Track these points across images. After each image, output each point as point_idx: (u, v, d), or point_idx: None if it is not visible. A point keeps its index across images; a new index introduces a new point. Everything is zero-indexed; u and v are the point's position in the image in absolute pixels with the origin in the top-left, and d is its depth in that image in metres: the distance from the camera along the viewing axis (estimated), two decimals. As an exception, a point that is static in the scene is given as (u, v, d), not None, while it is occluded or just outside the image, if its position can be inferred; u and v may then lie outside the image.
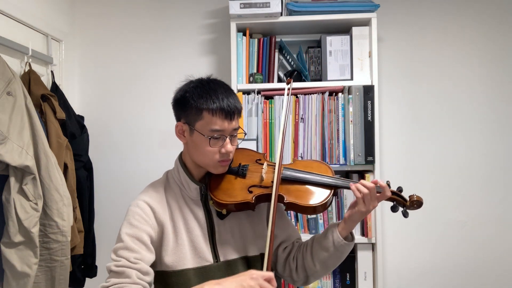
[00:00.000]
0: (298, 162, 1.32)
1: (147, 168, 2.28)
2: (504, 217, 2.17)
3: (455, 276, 2.18)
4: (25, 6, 1.85)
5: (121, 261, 1.10)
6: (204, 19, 2.28)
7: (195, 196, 1.22)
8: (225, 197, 1.19)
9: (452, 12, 2.20)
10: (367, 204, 1.16)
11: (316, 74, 2.03)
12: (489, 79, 2.18)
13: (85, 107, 2.28)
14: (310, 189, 1.23)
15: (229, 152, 1.17)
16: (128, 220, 1.18)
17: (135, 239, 1.14)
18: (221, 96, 1.14)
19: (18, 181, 1.49)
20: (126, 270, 1.08)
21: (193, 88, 1.17)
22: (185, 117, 1.18)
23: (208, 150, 1.15)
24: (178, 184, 1.24)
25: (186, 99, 1.17)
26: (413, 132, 2.20)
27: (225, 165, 1.21)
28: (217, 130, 1.14)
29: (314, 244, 1.23)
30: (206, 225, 1.21)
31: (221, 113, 1.13)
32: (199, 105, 1.14)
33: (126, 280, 1.06)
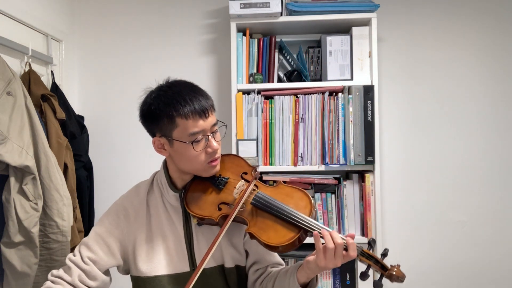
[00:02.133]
0: (281, 187, 1.16)
1: (147, 168, 2.27)
2: (504, 217, 2.17)
3: (455, 276, 2.18)
4: (25, 6, 1.85)
5: (75, 257, 1.13)
6: (204, 19, 2.28)
7: (174, 202, 1.18)
8: (195, 208, 1.12)
9: (452, 12, 2.20)
10: (327, 259, 0.99)
11: (316, 74, 2.03)
12: (489, 79, 2.18)
13: (85, 107, 2.28)
14: (277, 225, 1.06)
15: (216, 150, 1.11)
16: (103, 218, 1.21)
17: (100, 239, 1.15)
18: (187, 97, 1.08)
19: (18, 181, 1.49)
20: (72, 267, 1.11)
21: (155, 98, 1.11)
22: (159, 130, 1.13)
23: (193, 156, 1.09)
24: (160, 188, 1.22)
25: (153, 111, 1.11)
26: (413, 132, 2.20)
27: (216, 164, 1.14)
28: (197, 132, 1.07)
29: (277, 279, 1.13)
30: (183, 232, 1.17)
31: (194, 114, 1.07)
32: (169, 113, 1.07)
33: (67, 278, 1.09)
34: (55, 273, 1.12)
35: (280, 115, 1.98)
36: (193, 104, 1.07)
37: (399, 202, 2.19)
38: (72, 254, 1.14)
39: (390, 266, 1.02)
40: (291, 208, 1.08)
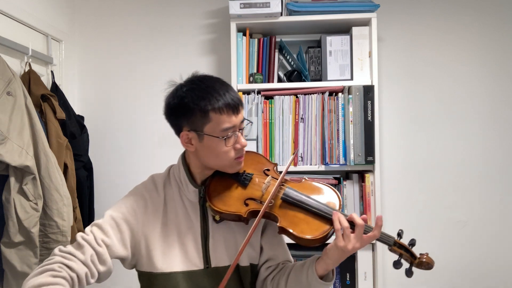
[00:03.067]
0: (306, 183, 1.19)
1: (147, 168, 2.26)
2: (504, 216, 2.17)
3: (455, 275, 2.18)
4: (25, 6, 1.85)
5: (89, 236, 1.07)
6: (204, 19, 2.28)
7: (193, 198, 1.17)
8: (219, 204, 1.11)
9: (452, 12, 2.20)
10: (346, 240, 1.02)
11: (316, 74, 2.03)
12: (489, 79, 2.18)
13: (85, 107, 2.28)
14: (309, 219, 1.09)
15: (244, 146, 1.12)
16: (120, 203, 1.15)
17: (115, 225, 1.10)
18: (222, 92, 1.07)
19: (18, 181, 1.49)
20: (85, 246, 1.05)
21: (189, 92, 1.08)
22: (190, 124, 1.10)
23: (223, 151, 1.09)
24: (177, 183, 1.19)
25: (186, 104, 1.08)
26: (413, 132, 2.20)
27: (242, 161, 1.14)
28: (229, 128, 1.07)
29: (292, 273, 1.14)
30: (200, 229, 1.15)
31: (228, 109, 1.06)
32: (203, 108, 1.05)
33: (80, 256, 1.03)
34: (64, 249, 1.04)
35: (280, 115, 1.98)
36: (226, 98, 1.06)
37: (399, 202, 2.19)
38: (83, 233, 1.08)
39: (419, 255, 1.08)
40: (321, 202, 1.11)
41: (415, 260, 1.08)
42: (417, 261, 1.08)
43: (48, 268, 0.97)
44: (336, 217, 1.05)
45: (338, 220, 1.04)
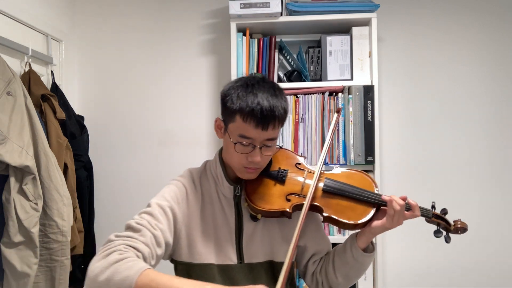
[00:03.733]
0: (339, 171, 1.23)
1: (147, 168, 2.28)
2: (504, 217, 2.17)
3: (455, 276, 2.18)
4: (25, 6, 1.85)
5: (143, 221, 1.04)
6: (204, 19, 2.28)
7: (228, 194, 1.18)
8: (261, 203, 1.13)
9: (452, 12, 2.20)
10: (394, 221, 1.11)
11: (316, 74, 2.03)
12: (489, 79, 2.18)
13: (85, 107, 2.28)
14: (352, 205, 1.14)
15: (256, 162, 1.10)
16: (162, 193, 1.13)
17: (162, 211, 1.08)
18: (259, 101, 1.05)
19: (18, 181, 1.49)
20: (143, 229, 1.01)
21: (236, 87, 1.10)
22: (223, 114, 1.13)
23: (234, 153, 1.10)
24: (214, 178, 1.20)
25: (227, 96, 1.10)
26: (413, 132, 2.20)
27: (252, 172, 1.14)
28: (246, 137, 1.07)
29: (335, 257, 1.20)
30: (234, 225, 1.17)
31: (253, 120, 1.04)
32: (233, 107, 1.06)
33: (141, 238, 1.00)
34: (122, 234, 1.00)
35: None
36: (259, 111, 1.04)
37: (399, 202, 2.19)
38: (135, 219, 1.04)
39: (453, 222, 1.20)
40: (360, 188, 1.16)
41: (450, 227, 1.18)
42: (452, 227, 1.18)
43: (113, 250, 0.94)
44: (392, 200, 1.11)
45: (395, 203, 1.10)
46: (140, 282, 0.87)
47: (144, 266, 0.90)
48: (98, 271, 0.91)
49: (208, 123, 2.26)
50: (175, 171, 2.24)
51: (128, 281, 0.87)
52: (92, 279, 0.92)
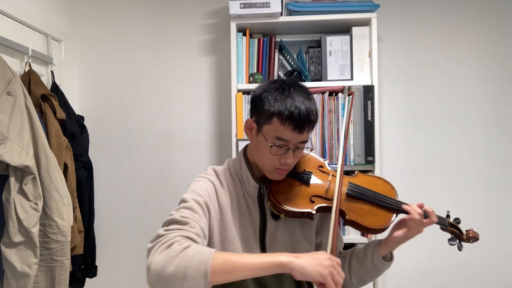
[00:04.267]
0: (360, 176, 1.27)
1: (147, 168, 2.28)
2: (504, 217, 2.17)
3: (455, 276, 2.18)
4: (25, 6, 1.85)
5: (187, 215, 1.04)
6: (204, 19, 2.28)
7: (252, 193, 1.19)
8: (286, 203, 1.14)
9: (453, 12, 2.20)
10: (415, 230, 1.16)
11: (316, 74, 2.03)
12: (489, 79, 2.18)
13: (85, 107, 2.28)
14: (374, 210, 1.19)
15: (288, 164, 1.13)
16: (193, 189, 1.13)
17: (198, 205, 1.09)
18: (297, 105, 1.08)
19: (18, 181, 1.49)
20: (191, 222, 1.01)
21: (272, 89, 1.12)
22: (257, 116, 1.15)
23: (267, 155, 1.12)
24: (238, 176, 1.21)
25: (262, 98, 1.12)
26: (413, 132, 2.20)
27: (282, 174, 1.17)
28: (282, 140, 1.09)
29: (353, 259, 1.24)
30: (259, 224, 1.18)
31: (291, 123, 1.07)
32: (271, 109, 1.09)
33: (192, 230, 1.00)
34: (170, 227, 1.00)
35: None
36: (297, 115, 1.07)
37: (399, 202, 2.19)
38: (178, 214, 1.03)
39: (465, 231, 1.24)
40: (382, 194, 1.21)
41: (463, 236, 1.23)
42: (465, 236, 1.22)
43: (172, 241, 0.94)
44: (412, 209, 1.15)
45: (414, 211, 1.15)
46: (215, 264, 0.89)
47: (211, 249, 0.92)
48: (164, 263, 0.90)
49: (208, 123, 2.26)
50: (175, 171, 2.26)
51: (203, 265, 0.88)
52: (159, 272, 0.90)
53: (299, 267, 0.91)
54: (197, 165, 2.25)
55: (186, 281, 0.88)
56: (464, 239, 1.22)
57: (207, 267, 0.88)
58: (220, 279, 0.90)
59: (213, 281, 0.89)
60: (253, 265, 0.91)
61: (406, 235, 1.16)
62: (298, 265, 0.91)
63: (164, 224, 1.04)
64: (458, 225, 1.23)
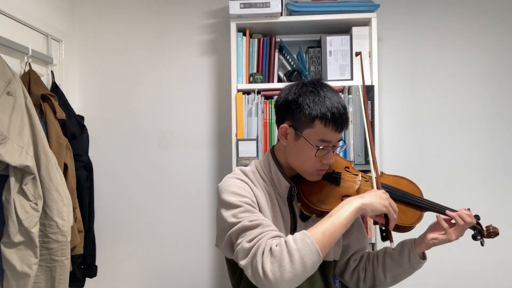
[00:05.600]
0: (386, 176, 1.29)
1: (146, 168, 2.28)
2: (504, 217, 2.17)
3: (455, 276, 2.18)
4: (25, 6, 1.85)
5: (251, 217, 1.03)
6: (204, 19, 2.28)
7: (283, 193, 1.20)
8: (319, 203, 1.16)
9: (452, 11, 2.20)
10: (459, 233, 1.19)
11: (316, 74, 2.03)
12: (489, 79, 2.18)
13: (85, 107, 2.28)
14: (404, 208, 1.21)
15: (331, 164, 1.16)
16: (232, 191, 1.10)
17: (248, 206, 1.07)
18: (335, 105, 1.10)
19: (18, 181, 1.49)
20: (262, 221, 1.03)
21: (307, 93, 1.13)
22: (293, 121, 1.14)
23: (310, 158, 1.12)
24: (268, 178, 1.21)
25: (299, 103, 1.12)
26: (413, 132, 2.20)
27: (322, 174, 1.19)
28: (326, 141, 1.11)
29: (387, 258, 1.26)
30: (290, 225, 1.19)
31: (334, 124, 1.10)
32: (313, 113, 1.10)
33: (268, 228, 1.01)
34: (252, 236, 0.99)
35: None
36: (338, 115, 1.10)
37: (399, 202, 2.19)
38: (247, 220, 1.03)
39: (486, 227, 1.26)
40: (409, 193, 1.25)
41: (484, 232, 1.25)
42: (485, 232, 1.25)
43: (268, 247, 0.96)
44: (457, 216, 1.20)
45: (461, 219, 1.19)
46: (319, 241, 0.96)
47: (302, 232, 0.98)
48: (278, 268, 0.93)
49: (208, 123, 2.26)
50: (175, 171, 2.26)
51: (314, 250, 0.95)
52: (279, 278, 0.93)
53: (369, 205, 1.05)
54: (197, 165, 2.25)
55: (307, 269, 0.95)
56: (485, 234, 1.25)
57: (316, 248, 0.95)
58: (327, 249, 0.99)
59: (324, 254, 0.97)
60: (343, 222, 1.01)
61: (448, 239, 1.19)
62: (368, 204, 1.05)
63: (234, 234, 1.04)
64: (478, 221, 1.26)
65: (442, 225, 1.20)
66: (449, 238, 1.18)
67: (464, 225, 1.18)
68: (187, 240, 2.25)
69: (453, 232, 1.19)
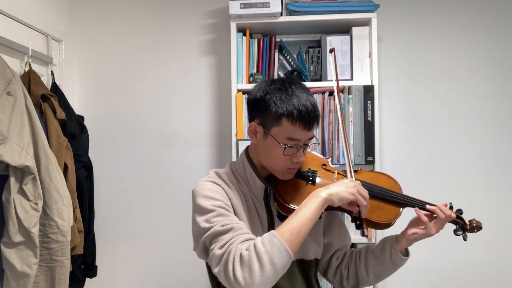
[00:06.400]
0: (364, 173, 1.27)
1: (147, 168, 2.28)
2: (504, 217, 2.17)
3: (455, 276, 2.18)
4: (25, 6, 1.85)
5: (223, 221, 1.03)
6: (204, 19, 2.28)
7: (259, 194, 1.19)
8: (294, 202, 1.14)
9: (452, 12, 2.20)
10: (439, 227, 1.17)
11: (316, 74, 2.03)
12: (489, 79, 2.18)
13: (85, 107, 2.28)
14: (381, 205, 1.19)
15: (300, 162, 1.14)
16: (204, 195, 1.10)
17: (222, 209, 1.07)
18: (303, 102, 1.08)
19: (18, 181, 1.49)
20: (234, 225, 1.02)
21: (275, 90, 1.11)
22: (261, 119, 1.12)
23: (279, 157, 1.11)
24: (243, 179, 1.20)
25: (266, 101, 1.10)
26: (413, 132, 2.20)
27: (293, 173, 1.17)
28: (293, 139, 1.09)
29: (369, 255, 1.24)
30: (267, 225, 1.18)
31: (301, 122, 1.07)
32: (279, 111, 1.07)
33: (239, 231, 1.01)
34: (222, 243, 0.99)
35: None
36: (306, 113, 1.07)
37: (399, 202, 2.19)
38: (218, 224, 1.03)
39: (468, 221, 1.23)
40: (387, 189, 1.22)
41: (467, 226, 1.22)
42: (468, 226, 1.22)
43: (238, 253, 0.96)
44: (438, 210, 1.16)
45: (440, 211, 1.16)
46: (287, 240, 0.96)
47: (270, 232, 0.99)
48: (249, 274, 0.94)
49: (208, 123, 2.26)
50: (175, 171, 2.26)
51: (283, 249, 0.95)
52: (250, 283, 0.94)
53: (335, 195, 1.04)
54: (197, 165, 2.25)
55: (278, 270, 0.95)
56: (468, 229, 1.22)
57: (285, 247, 0.95)
58: (297, 246, 0.98)
59: (293, 252, 0.97)
60: (310, 216, 1.01)
61: (428, 233, 1.17)
62: (334, 193, 1.04)
63: (207, 239, 1.04)
64: (461, 215, 1.24)
65: (422, 219, 1.16)
66: (429, 232, 1.16)
67: (445, 218, 1.15)
68: (187, 240, 2.24)
69: (433, 226, 1.16)
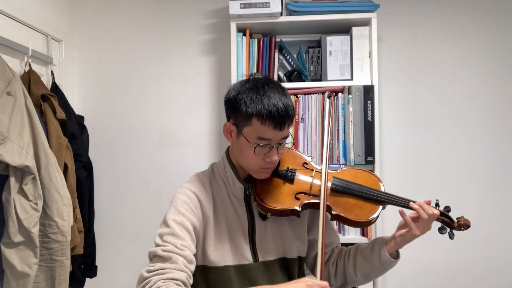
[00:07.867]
0: (345, 171, 1.26)
1: (147, 168, 2.28)
2: (504, 217, 2.17)
3: (455, 276, 2.18)
4: (25, 6, 1.85)
5: (168, 246, 1.05)
6: (204, 19, 2.28)
7: (239, 194, 1.20)
8: (271, 202, 1.15)
9: (452, 11, 2.20)
10: (425, 227, 1.13)
11: (316, 74, 2.03)
12: (489, 79, 2.18)
13: (85, 107, 2.28)
14: (360, 203, 1.18)
15: (274, 162, 1.14)
16: (175, 206, 1.14)
17: (182, 227, 1.09)
18: (274, 102, 1.07)
19: (18, 181, 1.49)
20: (173, 255, 1.03)
21: (246, 90, 1.11)
22: (234, 118, 1.14)
23: (252, 156, 1.11)
24: (223, 179, 1.21)
25: (238, 101, 1.11)
26: (413, 132, 2.20)
27: (268, 172, 1.17)
28: (264, 139, 1.09)
29: (358, 255, 1.23)
30: (247, 225, 1.19)
31: (271, 122, 1.07)
32: (249, 111, 1.08)
33: (173, 266, 1.02)
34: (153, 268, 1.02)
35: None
36: (276, 112, 1.07)
37: (399, 202, 2.19)
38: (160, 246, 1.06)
39: (456, 219, 1.21)
40: (367, 186, 1.20)
41: (454, 224, 1.20)
42: (456, 224, 1.20)
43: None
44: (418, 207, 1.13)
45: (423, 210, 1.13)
46: None
47: None
48: None
49: (208, 123, 2.26)
50: (175, 171, 2.26)
51: None
52: None
53: None
54: (197, 165, 2.25)
55: None
56: (455, 227, 1.20)
57: None
58: None
59: None
60: None
61: (413, 234, 1.14)
62: None
63: (149, 256, 1.07)
64: (448, 213, 1.21)
65: (405, 219, 1.14)
66: (413, 233, 1.13)
67: (428, 218, 1.12)
68: (187, 240, 2.25)
69: (417, 226, 1.13)
